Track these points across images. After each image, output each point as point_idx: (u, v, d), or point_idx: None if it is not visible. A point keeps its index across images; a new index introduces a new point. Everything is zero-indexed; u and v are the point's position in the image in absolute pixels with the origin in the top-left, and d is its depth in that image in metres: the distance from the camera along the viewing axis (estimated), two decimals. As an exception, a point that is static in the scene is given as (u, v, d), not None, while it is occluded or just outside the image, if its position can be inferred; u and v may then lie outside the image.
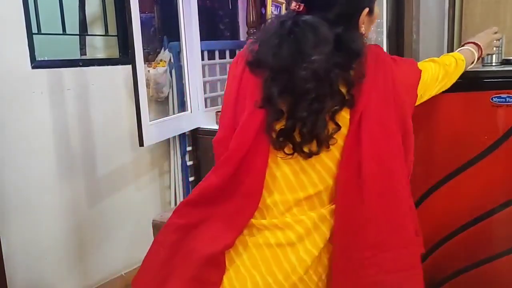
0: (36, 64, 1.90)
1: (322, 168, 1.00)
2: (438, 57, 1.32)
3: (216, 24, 2.73)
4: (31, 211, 1.94)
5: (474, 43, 1.42)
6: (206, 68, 2.45)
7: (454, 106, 1.60)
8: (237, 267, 1.01)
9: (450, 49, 2.21)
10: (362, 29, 1.04)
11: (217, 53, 2.54)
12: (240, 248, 1.02)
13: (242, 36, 2.73)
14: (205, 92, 2.41)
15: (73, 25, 2.18)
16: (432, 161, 1.66)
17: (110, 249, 2.27)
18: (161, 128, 2.02)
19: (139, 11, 1.81)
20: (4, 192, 1.84)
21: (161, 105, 2.34)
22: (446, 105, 1.62)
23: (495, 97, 1.52)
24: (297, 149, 0.98)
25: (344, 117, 0.98)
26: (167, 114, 2.28)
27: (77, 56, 2.32)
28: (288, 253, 0.99)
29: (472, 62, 1.39)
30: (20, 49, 1.85)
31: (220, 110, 2.39)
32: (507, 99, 1.50)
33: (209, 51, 2.47)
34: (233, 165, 1.00)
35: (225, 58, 2.60)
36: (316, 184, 1.01)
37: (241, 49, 1.10)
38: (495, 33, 1.48)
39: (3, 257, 1.64)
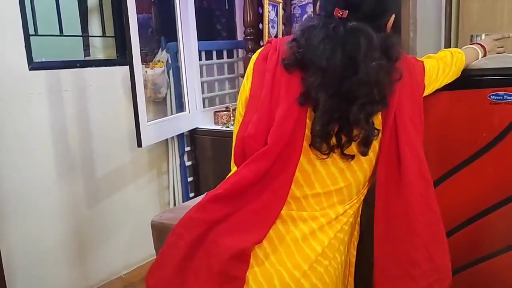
0: (34, 65, 1.89)
1: (360, 170, 1.07)
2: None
3: (213, 25, 2.73)
4: (30, 212, 1.93)
5: (478, 43, 1.48)
6: (204, 68, 2.45)
7: (452, 104, 1.60)
8: (262, 262, 1.02)
9: (447, 47, 2.22)
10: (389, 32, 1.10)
11: (214, 53, 2.54)
12: (265, 243, 1.03)
13: (240, 36, 2.73)
14: (202, 92, 2.41)
15: (70, 26, 2.18)
16: (430, 159, 1.66)
17: (109, 249, 2.27)
18: (159, 129, 2.02)
19: (136, 12, 1.81)
20: (3, 193, 1.83)
21: (159, 105, 2.34)
22: (444, 103, 1.62)
23: (492, 95, 1.52)
24: (336, 150, 1.02)
25: (377, 118, 1.04)
26: (165, 115, 2.28)
27: (80, 57, 2.32)
28: (312, 243, 1.04)
29: (476, 59, 1.44)
30: (17, 50, 1.85)
31: (218, 110, 2.40)
32: (505, 96, 1.50)
33: (206, 52, 2.47)
34: (270, 160, 1.01)
35: (222, 58, 2.60)
36: (348, 180, 1.07)
37: (263, 45, 1.14)
38: (498, 39, 1.54)
39: (2, 258, 1.63)
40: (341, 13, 1.00)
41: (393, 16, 1.08)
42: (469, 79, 1.57)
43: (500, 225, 1.58)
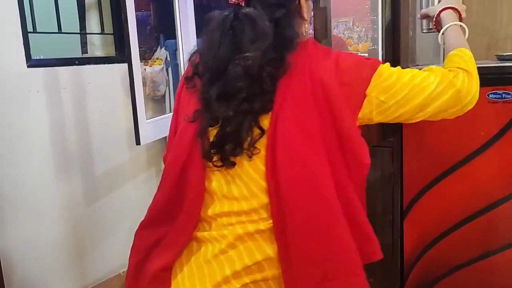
0: (32, 63, 1.89)
1: (250, 181, 0.91)
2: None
3: (212, 22, 2.72)
4: (28, 210, 1.93)
5: (452, 8, 1.20)
6: (203, 66, 2.45)
7: (451, 103, 1.60)
8: (178, 284, 0.95)
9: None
10: (305, 14, 0.97)
11: (213, 51, 2.53)
12: (184, 262, 0.97)
13: (239, 33, 2.72)
14: (201, 90, 2.40)
15: (68, 24, 2.17)
16: (428, 157, 1.67)
17: (108, 247, 2.27)
18: (158, 126, 2.02)
19: (135, 9, 1.81)
20: (1, 191, 1.83)
21: (157, 103, 2.33)
22: (443, 102, 1.62)
23: (491, 94, 1.52)
24: (224, 159, 0.91)
25: (264, 124, 0.90)
26: (164, 112, 2.28)
27: (78, 54, 2.31)
28: (222, 261, 0.92)
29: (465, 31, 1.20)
30: (15, 48, 1.84)
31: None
32: (504, 95, 1.51)
33: (205, 49, 2.47)
34: (172, 180, 0.97)
35: (221, 56, 2.59)
36: (247, 198, 0.91)
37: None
38: None
39: (0, 257, 1.63)
40: None
41: (303, 0, 0.95)
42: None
43: (499, 224, 1.58)
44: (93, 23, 2.26)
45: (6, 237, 1.84)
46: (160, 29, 2.41)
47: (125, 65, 1.80)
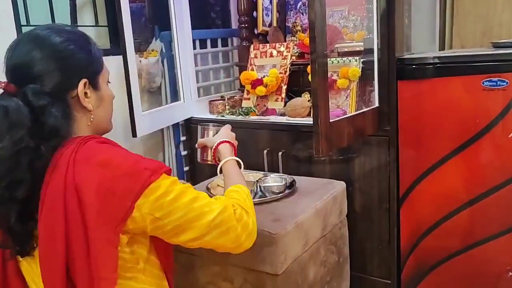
0: (26, 56, 1.88)
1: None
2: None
3: (207, 13, 2.71)
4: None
5: (228, 142, 1.28)
6: (198, 57, 2.44)
7: (445, 90, 1.61)
8: None
9: (442, 33, 2.21)
10: (87, 103, 0.96)
11: (209, 41, 2.52)
12: None
13: (234, 24, 2.71)
14: (197, 81, 2.40)
15: (62, 16, 2.16)
16: (423, 146, 1.68)
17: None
18: (154, 119, 2.02)
19: (130, 0, 1.80)
20: None
21: (153, 95, 2.33)
22: (437, 90, 1.62)
23: (486, 81, 1.52)
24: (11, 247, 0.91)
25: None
26: (160, 104, 2.27)
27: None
28: None
29: (240, 166, 1.24)
30: (9, 41, 1.83)
31: (213, 99, 2.40)
32: (498, 82, 1.51)
33: (200, 40, 2.46)
34: None
35: (217, 46, 2.59)
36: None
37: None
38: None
39: None
40: (3, 84, 0.92)
41: (83, 81, 0.95)
42: (462, 66, 1.58)
43: (494, 210, 1.60)
44: (87, 15, 2.25)
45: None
46: (154, 20, 2.39)
47: (120, 57, 1.79)
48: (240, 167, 1.23)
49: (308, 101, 2.01)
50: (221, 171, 1.22)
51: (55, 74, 0.91)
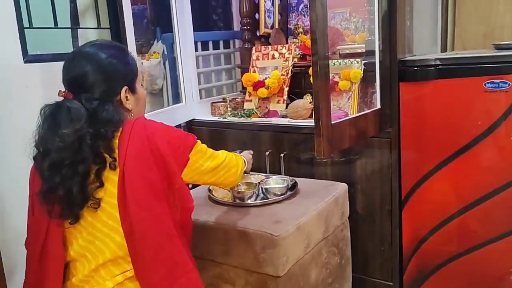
0: (29, 58, 1.88)
1: (109, 230, 1.09)
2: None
3: (209, 15, 2.71)
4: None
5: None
6: (200, 59, 2.44)
7: (447, 92, 1.61)
8: None
9: (444, 36, 2.21)
10: (128, 105, 1.20)
11: (210, 43, 2.53)
12: None
13: (236, 26, 2.72)
14: (199, 83, 2.40)
15: (64, 19, 2.16)
16: (425, 148, 1.67)
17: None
18: (156, 120, 2.01)
19: (131, 2, 1.80)
20: (1, 185, 1.83)
21: (155, 97, 2.33)
22: (439, 91, 1.62)
23: (488, 83, 1.52)
24: (68, 215, 1.09)
25: (112, 179, 1.09)
26: (161, 106, 2.28)
27: (69, 49, 2.30)
28: None
29: (246, 173, 1.53)
30: (12, 43, 1.84)
31: (215, 101, 2.40)
32: (501, 84, 1.51)
33: (202, 42, 2.46)
34: (34, 259, 1.14)
35: (218, 48, 2.59)
36: (107, 245, 1.09)
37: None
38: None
39: (2, 254, 1.64)
40: (64, 93, 1.17)
41: (125, 88, 1.19)
42: (464, 68, 1.58)
43: (497, 213, 1.59)
44: (89, 18, 2.25)
45: (7, 234, 1.85)
46: (156, 22, 2.40)
47: (122, 59, 1.79)
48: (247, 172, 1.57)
49: (310, 103, 2.01)
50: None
51: (102, 84, 1.15)
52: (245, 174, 1.81)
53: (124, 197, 1.07)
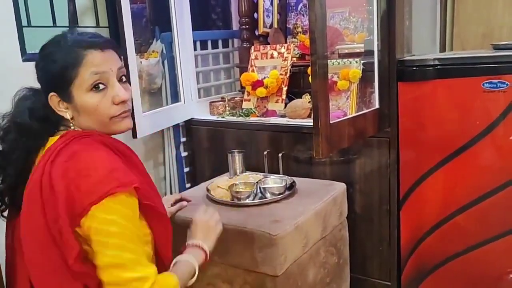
0: (27, 57, 1.88)
1: None
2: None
3: (208, 14, 2.71)
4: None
5: (197, 246, 1.13)
6: (199, 58, 2.44)
7: (446, 92, 1.61)
8: None
9: (443, 35, 2.22)
10: (64, 113, 1.05)
11: (209, 43, 2.53)
12: None
13: (235, 25, 2.71)
14: (198, 83, 2.40)
15: (64, 18, 2.16)
16: (424, 148, 1.68)
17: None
18: (154, 120, 2.02)
19: (130, 1, 1.80)
20: (-2, 186, 1.83)
21: (154, 96, 2.33)
22: (438, 91, 1.62)
23: (486, 83, 1.52)
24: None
25: None
26: (160, 105, 2.27)
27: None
28: None
29: (194, 275, 1.07)
30: (10, 42, 1.84)
31: (214, 100, 2.40)
32: (499, 84, 1.51)
33: (201, 41, 2.46)
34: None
35: (217, 48, 2.59)
36: None
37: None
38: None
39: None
40: None
41: (51, 95, 1.08)
42: (462, 67, 1.58)
43: (495, 212, 1.59)
44: (88, 17, 2.25)
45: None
46: (155, 21, 2.39)
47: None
48: (193, 277, 1.07)
49: (309, 102, 2.01)
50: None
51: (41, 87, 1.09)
52: (244, 174, 1.81)
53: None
